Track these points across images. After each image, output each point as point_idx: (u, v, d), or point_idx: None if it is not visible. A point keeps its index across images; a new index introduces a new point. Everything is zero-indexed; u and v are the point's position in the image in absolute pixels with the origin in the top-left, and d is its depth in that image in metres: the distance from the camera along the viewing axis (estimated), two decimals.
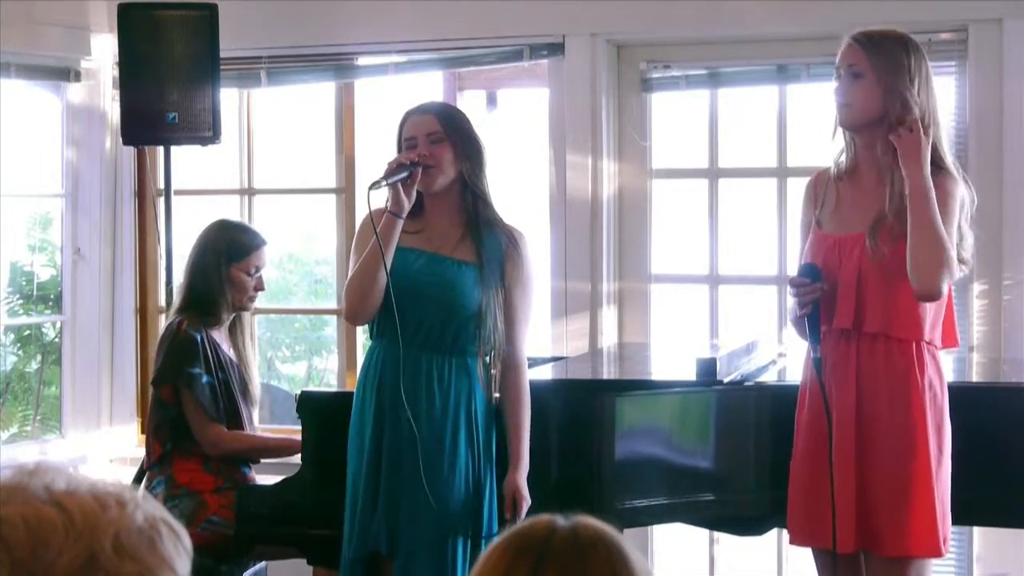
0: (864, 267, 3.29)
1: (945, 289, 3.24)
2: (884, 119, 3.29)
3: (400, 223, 3.44)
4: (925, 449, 3.25)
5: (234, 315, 4.24)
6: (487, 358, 3.54)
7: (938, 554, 3.27)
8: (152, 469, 4.16)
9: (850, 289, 3.31)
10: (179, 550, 1.23)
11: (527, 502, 3.49)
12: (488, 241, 3.55)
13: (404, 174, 3.42)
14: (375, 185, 3.40)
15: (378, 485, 3.47)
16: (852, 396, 3.31)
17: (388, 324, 3.47)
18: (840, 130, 3.41)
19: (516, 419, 3.54)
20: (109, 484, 1.23)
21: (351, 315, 3.55)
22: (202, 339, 4.10)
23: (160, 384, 4.12)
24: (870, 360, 3.31)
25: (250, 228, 4.42)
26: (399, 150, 3.56)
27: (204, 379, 4.07)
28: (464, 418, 3.49)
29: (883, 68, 3.27)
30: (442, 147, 3.52)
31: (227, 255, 4.18)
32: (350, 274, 3.50)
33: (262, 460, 4.28)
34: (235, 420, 4.16)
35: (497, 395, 3.58)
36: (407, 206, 3.44)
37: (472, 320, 3.50)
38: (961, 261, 3.32)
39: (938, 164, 3.29)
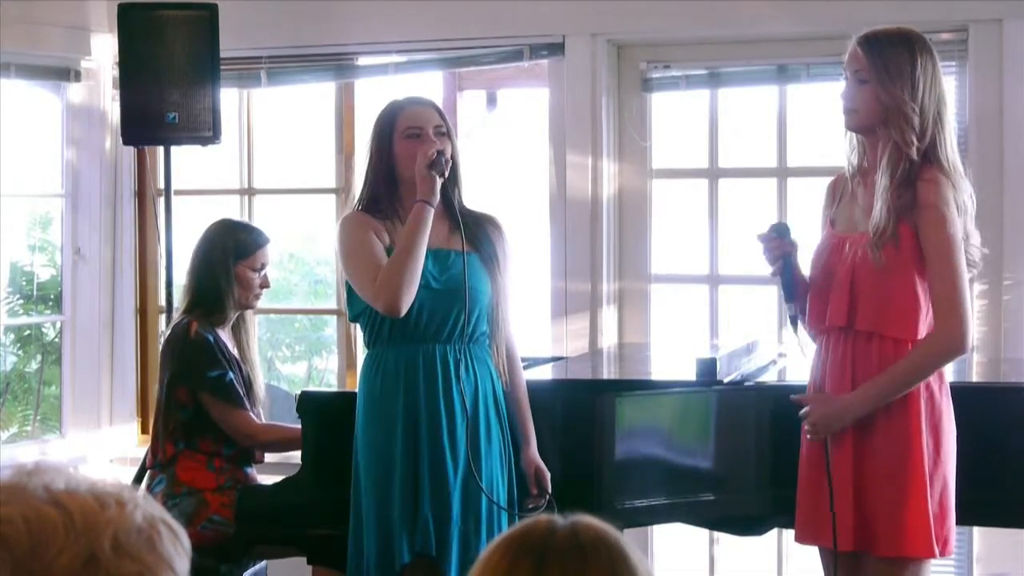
0: (858, 266, 3.30)
1: (968, 339, 3.26)
2: (887, 122, 3.29)
3: (432, 212, 3.44)
4: (919, 450, 3.24)
5: (237, 314, 4.25)
6: (501, 344, 3.57)
7: (931, 555, 3.25)
8: (155, 467, 4.16)
9: (844, 287, 3.32)
10: (178, 549, 1.23)
11: (548, 474, 3.55)
12: (476, 230, 3.58)
13: (443, 163, 3.45)
14: (442, 173, 3.42)
15: (416, 489, 3.44)
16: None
17: (407, 325, 3.46)
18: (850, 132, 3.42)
19: (520, 402, 3.60)
20: (108, 484, 1.23)
21: (396, 305, 3.38)
22: (215, 339, 4.11)
23: (177, 385, 4.11)
24: (865, 359, 3.31)
25: (254, 227, 4.43)
26: (389, 138, 3.54)
27: (228, 376, 4.08)
28: (492, 405, 3.52)
29: (884, 74, 3.27)
30: (445, 141, 3.54)
31: (234, 253, 4.18)
32: (385, 266, 3.43)
33: (290, 451, 4.27)
34: None
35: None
36: (438, 195, 3.46)
37: (487, 307, 3.53)
38: (971, 264, 3.32)
39: (923, 175, 3.27)
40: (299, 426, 4.08)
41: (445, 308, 3.48)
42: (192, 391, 4.09)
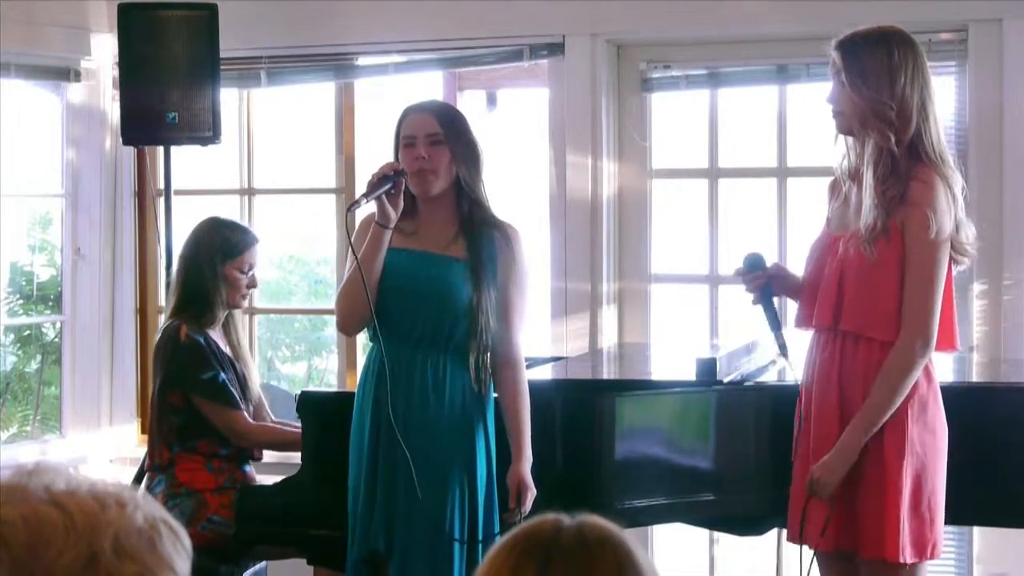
0: (846, 266, 3.30)
1: (930, 348, 3.25)
2: (865, 122, 3.29)
3: (388, 234, 3.46)
4: (901, 456, 3.24)
5: (227, 313, 4.23)
6: (481, 355, 3.53)
7: (896, 559, 3.23)
8: (154, 469, 4.15)
9: (831, 287, 3.33)
10: (179, 550, 1.23)
11: (532, 493, 3.49)
12: (481, 239, 3.54)
13: (387, 186, 3.41)
14: (355, 205, 3.42)
15: (376, 486, 3.49)
16: (835, 396, 3.31)
17: (384, 326, 3.48)
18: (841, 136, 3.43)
19: (516, 415, 3.53)
20: (109, 484, 1.23)
21: (343, 326, 3.67)
22: (206, 341, 4.09)
23: (169, 389, 4.09)
24: (851, 361, 3.31)
25: (242, 226, 4.40)
26: (396, 146, 3.56)
27: (221, 378, 4.07)
28: (461, 416, 3.50)
29: (858, 75, 3.28)
30: (440, 150, 3.51)
31: (221, 253, 4.15)
32: (341, 284, 3.52)
33: (287, 452, 4.26)
34: None
35: (495, 393, 3.58)
36: (394, 216, 3.45)
37: (464, 316, 3.49)
38: (962, 253, 3.32)
39: (918, 174, 3.26)
40: (294, 428, 4.10)
41: (414, 311, 3.49)
42: (185, 394, 4.08)
